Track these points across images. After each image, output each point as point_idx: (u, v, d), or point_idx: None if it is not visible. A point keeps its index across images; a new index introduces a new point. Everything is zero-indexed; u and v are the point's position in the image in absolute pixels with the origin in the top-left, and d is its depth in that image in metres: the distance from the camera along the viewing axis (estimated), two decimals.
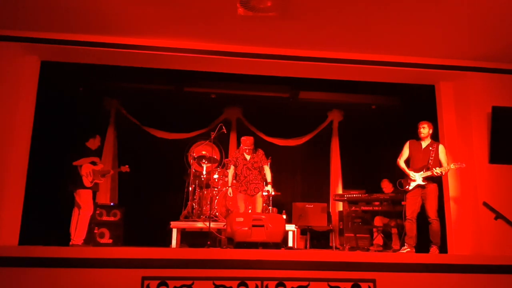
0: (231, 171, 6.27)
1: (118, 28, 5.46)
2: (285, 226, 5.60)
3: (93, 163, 6.29)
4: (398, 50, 5.92)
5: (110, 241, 6.20)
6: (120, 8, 4.98)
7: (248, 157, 6.18)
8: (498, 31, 5.28)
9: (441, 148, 5.57)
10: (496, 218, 5.55)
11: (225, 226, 5.75)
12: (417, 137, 5.69)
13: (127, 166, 6.74)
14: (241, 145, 6.24)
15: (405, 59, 6.05)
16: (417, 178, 5.52)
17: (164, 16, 5.17)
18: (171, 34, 5.62)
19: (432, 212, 5.42)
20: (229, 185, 6.34)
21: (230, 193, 6.32)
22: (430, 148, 5.57)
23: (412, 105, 7.43)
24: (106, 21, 5.28)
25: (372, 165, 8.26)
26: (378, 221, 7.02)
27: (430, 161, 5.49)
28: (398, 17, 5.06)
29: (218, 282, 4.22)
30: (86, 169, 6.15)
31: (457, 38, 5.51)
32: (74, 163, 6.11)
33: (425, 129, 5.63)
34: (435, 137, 6.49)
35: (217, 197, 7.12)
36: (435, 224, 5.41)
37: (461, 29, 5.28)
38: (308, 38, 5.62)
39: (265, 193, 6.78)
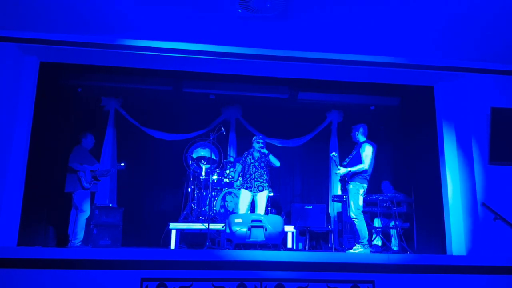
0: (238, 169, 6.43)
1: (117, 29, 5.46)
2: (284, 227, 5.60)
3: (90, 164, 6.29)
4: (397, 51, 5.92)
5: (109, 242, 6.19)
6: (119, 9, 4.98)
7: (256, 156, 6.22)
8: (497, 32, 5.29)
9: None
10: (495, 219, 5.58)
11: (224, 227, 5.75)
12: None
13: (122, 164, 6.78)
14: (253, 145, 6.30)
15: (404, 60, 6.06)
16: None
17: (163, 17, 5.17)
18: (170, 34, 5.62)
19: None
20: (235, 180, 6.46)
21: (236, 186, 6.37)
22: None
23: (411, 106, 7.43)
24: (105, 21, 5.28)
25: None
26: (377, 222, 7.02)
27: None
28: (397, 17, 5.07)
29: (217, 284, 4.22)
30: (83, 170, 6.15)
31: (456, 39, 5.52)
32: (70, 165, 6.12)
33: None
34: (432, 138, 6.52)
35: (216, 198, 7.11)
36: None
37: (460, 29, 5.29)
38: (307, 38, 5.62)
39: (270, 194, 6.80)
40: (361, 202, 5.52)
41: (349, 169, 5.57)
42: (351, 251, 5.52)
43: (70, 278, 4.17)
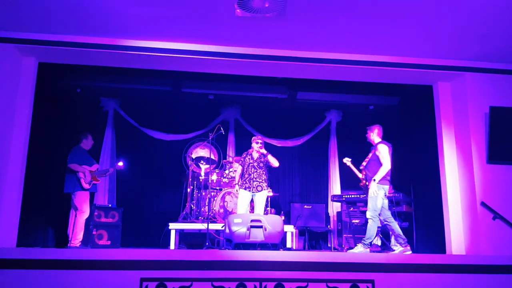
0: (238, 170, 6.41)
1: (116, 29, 5.46)
2: (283, 227, 5.60)
3: (89, 164, 6.29)
4: (396, 51, 5.93)
5: (108, 242, 6.19)
6: (118, 9, 4.98)
7: (255, 156, 6.23)
8: (496, 31, 5.29)
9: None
10: (494, 218, 5.58)
11: (224, 227, 5.74)
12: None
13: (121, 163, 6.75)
14: (252, 145, 6.29)
15: (403, 60, 6.06)
16: None
17: (162, 17, 5.16)
18: (169, 35, 5.62)
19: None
20: (236, 182, 6.45)
21: (236, 190, 6.37)
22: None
23: (410, 106, 7.44)
24: (104, 22, 5.27)
25: None
26: None
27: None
28: (396, 17, 5.07)
29: (216, 284, 4.21)
30: (82, 171, 6.15)
31: (455, 38, 5.52)
32: (69, 165, 6.12)
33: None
34: (431, 137, 6.52)
35: (215, 198, 7.11)
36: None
37: (459, 29, 5.29)
38: (306, 38, 5.63)
39: (269, 194, 6.80)
40: (379, 204, 5.49)
41: (375, 178, 5.53)
42: (352, 250, 5.53)
43: (70, 279, 4.16)
